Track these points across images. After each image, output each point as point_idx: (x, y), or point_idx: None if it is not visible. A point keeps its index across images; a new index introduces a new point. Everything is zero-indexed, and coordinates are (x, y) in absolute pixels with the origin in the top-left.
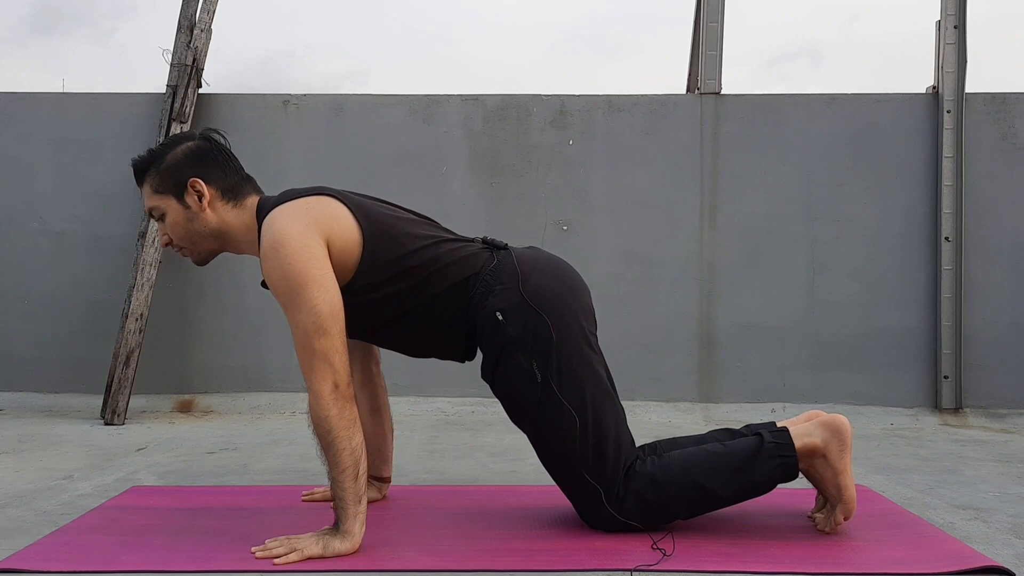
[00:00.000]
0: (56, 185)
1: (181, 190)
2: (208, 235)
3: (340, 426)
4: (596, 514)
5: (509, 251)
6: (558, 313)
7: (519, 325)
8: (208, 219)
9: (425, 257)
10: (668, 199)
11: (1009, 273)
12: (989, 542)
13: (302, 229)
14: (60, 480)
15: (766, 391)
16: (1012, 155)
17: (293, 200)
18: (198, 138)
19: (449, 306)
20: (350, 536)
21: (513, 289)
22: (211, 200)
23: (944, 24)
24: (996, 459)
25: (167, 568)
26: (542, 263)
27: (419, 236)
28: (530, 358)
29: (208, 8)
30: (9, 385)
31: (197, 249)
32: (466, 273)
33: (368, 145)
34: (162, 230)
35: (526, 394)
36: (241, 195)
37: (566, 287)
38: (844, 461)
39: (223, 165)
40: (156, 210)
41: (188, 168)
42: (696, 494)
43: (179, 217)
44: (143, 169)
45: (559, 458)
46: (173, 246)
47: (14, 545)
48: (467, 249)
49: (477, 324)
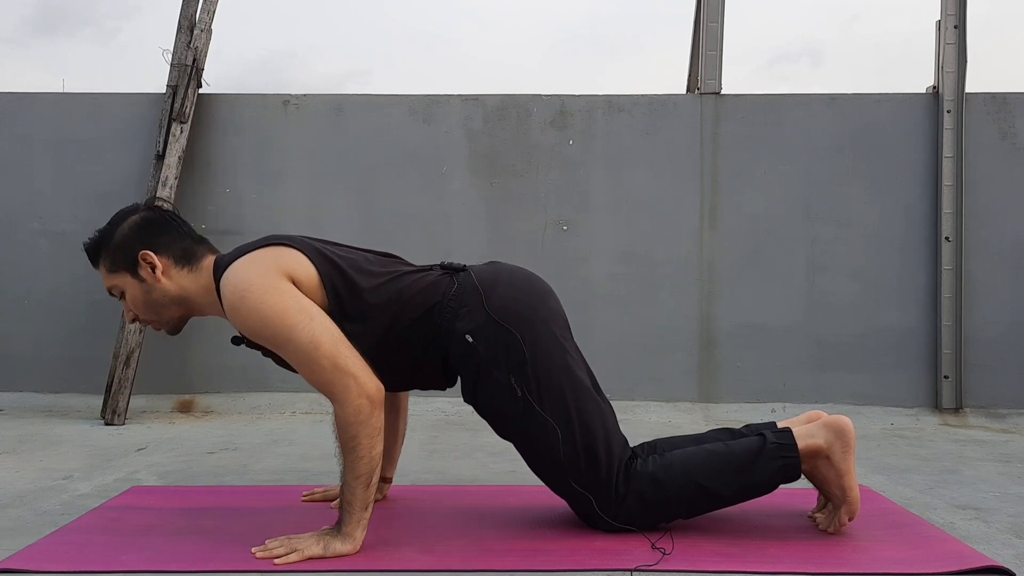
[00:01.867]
0: (56, 185)
1: (134, 265)
2: (169, 304)
3: (365, 434)
4: (595, 518)
5: (468, 272)
6: (526, 324)
7: (490, 344)
8: (166, 288)
9: (387, 293)
10: (668, 199)
11: (1009, 273)
12: (989, 542)
13: (263, 272)
14: (60, 480)
15: (766, 391)
16: (1012, 155)
17: (247, 253)
18: (143, 209)
19: (419, 337)
20: (351, 539)
21: (478, 309)
22: (165, 269)
23: (944, 24)
24: (996, 459)
25: (167, 568)
26: (503, 277)
27: (377, 273)
28: (507, 374)
29: (208, 8)
30: (9, 385)
31: (163, 320)
32: (430, 302)
33: (368, 145)
34: (126, 307)
35: (509, 410)
36: (195, 258)
37: (531, 296)
38: (848, 462)
39: (172, 232)
40: (115, 288)
41: (137, 242)
42: (697, 494)
43: (137, 292)
44: (95, 252)
45: (551, 468)
46: (140, 322)
47: (14, 545)
48: (427, 278)
49: (450, 350)
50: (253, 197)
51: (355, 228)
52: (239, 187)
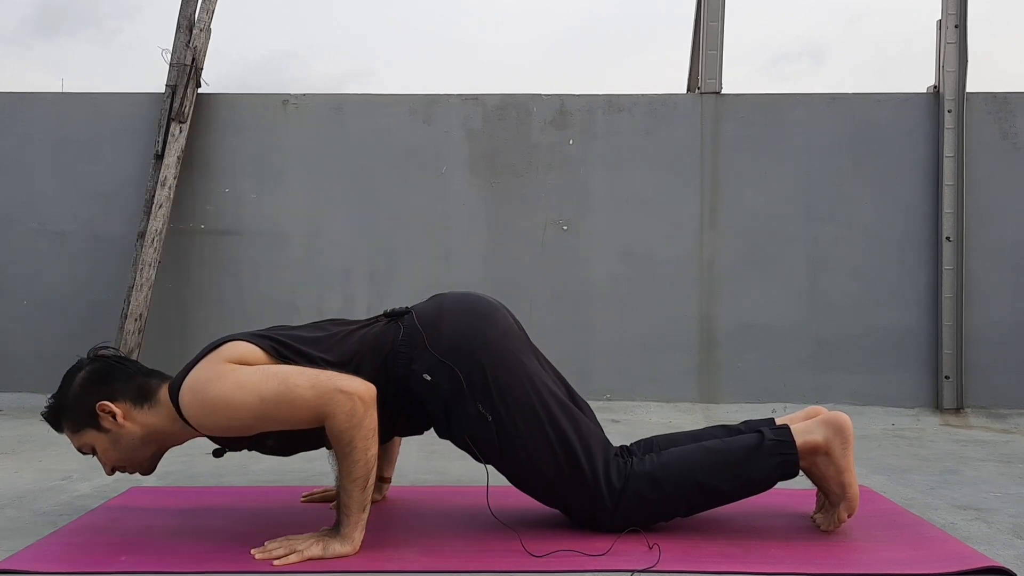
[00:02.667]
0: (56, 185)
1: (95, 418)
2: (140, 444)
3: (360, 436)
4: (594, 517)
5: (411, 313)
6: (480, 350)
7: (449, 377)
8: (131, 431)
9: (340, 355)
10: (668, 199)
11: (1010, 273)
12: (990, 542)
13: (211, 370)
14: (59, 481)
15: (766, 391)
16: (1013, 155)
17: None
18: (88, 363)
19: (383, 390)
20: (350, 540)
21: (427, 350)
22: (125, 413)
23: (945, 24)
24: (997, 459)
25: (167, 568)
26: (446, 309)
27: (324, 338)
28: (474, 403)
29: (207, 8)
30: (9, 385)
31: (137, 461)
32: (383, 352)
33: (368, 145)
34: (101, 462)
35: (484, 436)
36: (151, 393)
37: (478, 319)
38: (847, 459)
39: (121, 376)
40: (85, 447)
41: (91, 396)
42: (695, 492)
43: (106, 443)
44: (56, 418)
45: (537, 484)
46: (119, 471)
47: (14, 546)
48: (373, 330)
49: (413, 393)
50: (252, 197)
51: (355, 228)
52: (238, 187)
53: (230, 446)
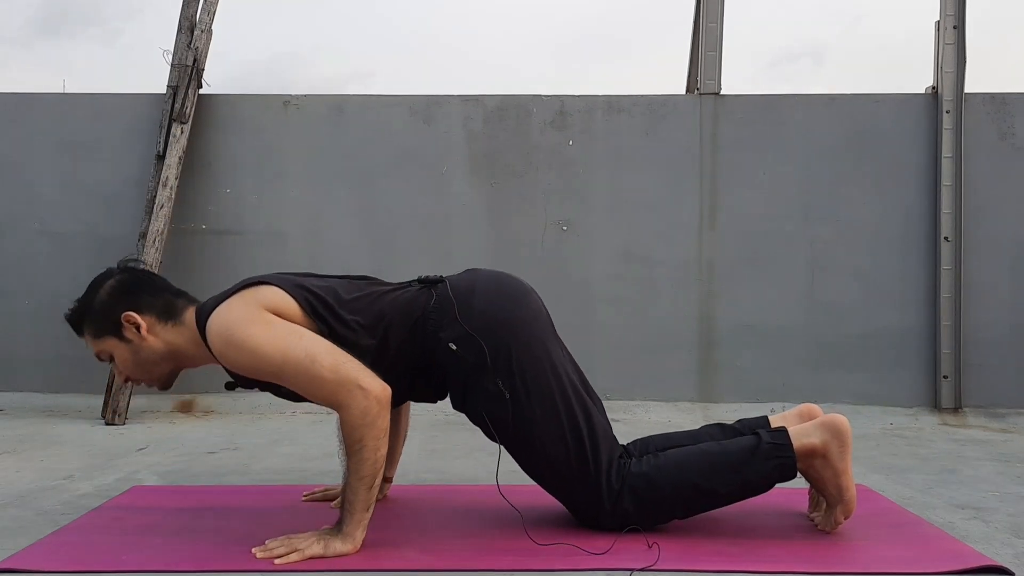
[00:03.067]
0: (57, 186)
1: (118, 327)
2: (159, 360)
3: (371, 435)
4: (593, 513)
5: (445, 283)
6: (508, 329)
7: (475, 350)
8: (153, 345)
9: (371, 315)
10: (668, 199)
11: (1008, 273)
12: (988, 541)
13: (244, 309)
14: (61, 480)
15: (766, 391)
16: (1011, 155)
17: (226, 299)
18: (117, 273)
19: (407, 354)
20: (351, 539)
21: (457, 321)
22: (149, 327)
23: (943, 24)
24: (995, 459)
25: (167, 568)
26: (480, 284)
27: (358, 297)
28: (494, 379)
29: (209, 9)
30: (10, 385)
31: (154, 376)
32: (412, 317)
33: (368, 146)
34: (116, 370)
35: (499, 414)
36: (177, 312)
37: (510, 300)
38: (845, 462)
39: (150, 290)
40: (103, 354)
41: (118, 304)
42: (692, 494)
43: (125, 353)
44: (78, 321)
45: (543, 468)
46: (133, 382)
47: (15, 545)
48: (406, 294)
49: (436, 361)
50: (253, 197)
51: (355, 228)
52: (239, 187)
53: (243, 384)
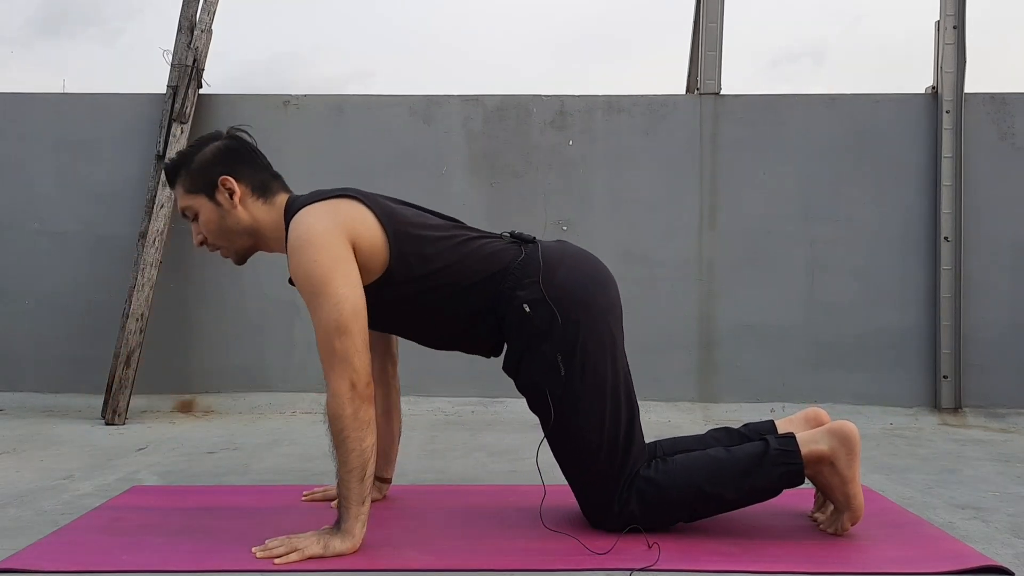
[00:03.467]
0: (56, 186)
1: (212, 188)
2: (241, 232)
3: (353, 426)
4: (601, 512)
5: (537, 245)
6: (584, 308)
7: (546, 318)
8: (240, 216)
9: (451, 257)
10: (668, 199)
11: (1008, 273)
12: (988, 541)
13: (329, 228)
14: (61, 480)
15: (766, 391)
16: (1011, 155)
17: (321, 200)
18: (226, 137)
19: (476, 301)
20: (350, 536)
21: (539, 284)
22: (242, 197)
23: (943, 24)
24: (995, 459)
25: (167, 568)
26: (569, 258)
27: (444, 237)
28: (555, 351)
29: (209, 9)
30: (10, 385)
31: (233, 247)
32: (493, 268)
33: (368, 145)
34: (196, 230)
35: (549, 387)
36: (271, 192)
37: (593, 283)
38: (853, 470)
39: (252, 163)
40: (189, 209)
41: (218, 166)
42: (699, 499)
43: (212, 215)
44: (174, 171)
45: (574, 453)
46: (208, 245)
47: (14, 545)
48: (493, 245)
49: (505, 317)
50: None
51: None
52: None
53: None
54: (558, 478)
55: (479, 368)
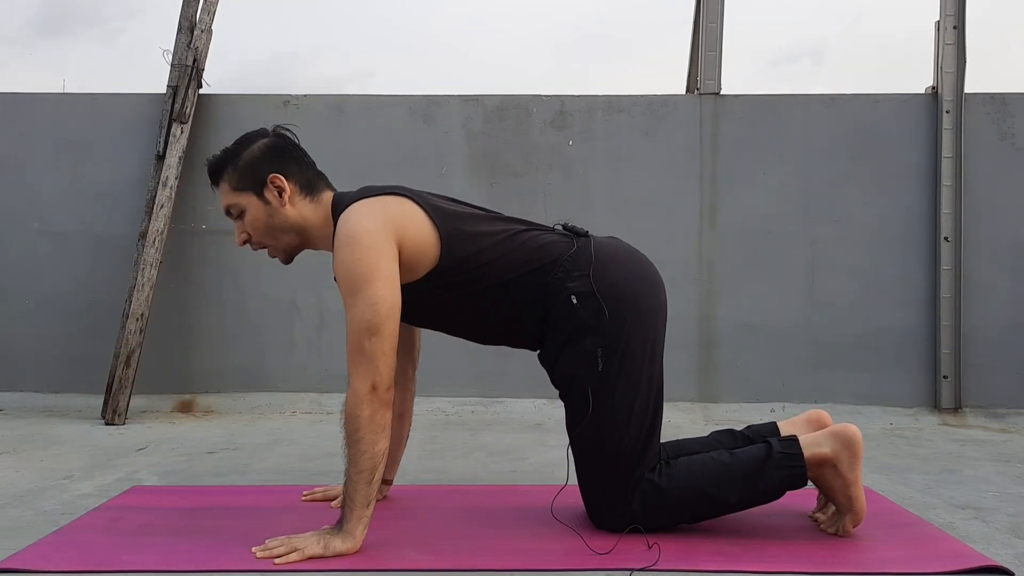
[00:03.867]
0: (57, 186)
1: (260, 186)
2: (289, 230)
3: (368, 428)
4: (606, 511)
5: (589, 239)
6: (633, 307)
7: (592, 312)
8: (288, 214)
9: (502, 249)
10: (668, 199)
11: (1008, 273)
12: (989, 542)
13: (377, 227)
14: (61, 480)
15: (766, 391)
16: (1011, 155)
17: (371, 197)
18: (272, 135)
19: (525, 292)
20: (351, 537)
21: (589, 277)
22: (291, 195)
23: (943, 24)
24: (995, 459)
25: (167, 568)
26: (621, 255)
27: (493, 232)
28: (596, 345)
29: (208, 9)
30: (10, 385)
31: (280, 245)
32: (544, 260)
33: (368, 146)
34: (240, 228)
35: (584, 379)
36: (317, 190)
37: (644, 282)
38: (855, 473)
39: (299, 160)
40: (235, 207)
41: (266, 164)
42: (701, 502)
43: (260, 213)
44: (220, 168)
45: (592, 449)
46: (252, 244)
47: (15, 545)
48: (544, 237)
49: (552, 308)
50: None
51: None
52: None
53: None
54: (558, 479)
55: (479, 368)
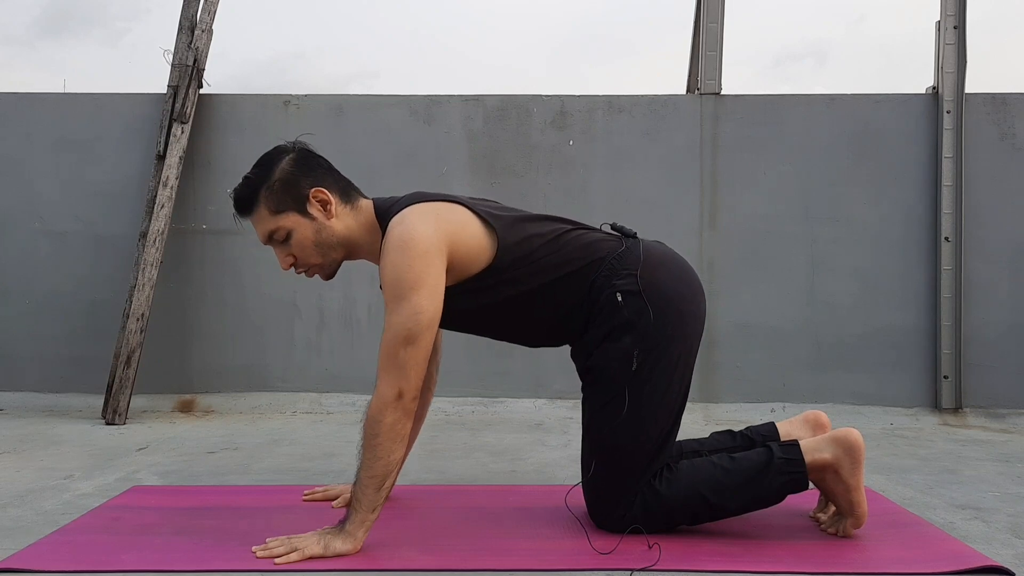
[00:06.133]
0: (57, 185)
1: (303, 203)
2: (337, 244)
3: (388, 435)
4: (608, 512)
5: (638, 240)
6: (675, 312)
7: (636, 311)
8: (335, 227)
9: (550, 249)
10: (668, 199)
11: (1009, 273)
12: (989, 542)
13: (430, 233)
14: (61, 480)
15: (766, 391)
16: (1012, 155)
17: (425, 203)
18: (295, 148)
19: (571, 288)
20: (352, 538)
21: (636, 277)
22: (334, 206)
23: (944, 24)
24: (996, 459)
25: (167, 568)
26: (668, 260)
27: (543, 233)
28: (635, 344)
29: (209, 9)
30: (10, 385)
31: (327, 261)
32: (591, 257)
33: (369, 146)
34: (283, 252)
35: (615, 374)
36: (352, 198)
37: (689, 290)
38: (856, 478)
39: (328, 169)
40: (279, 232)
41: (303, 179)
42: (702, 506)
43: (307, 232)
44: (252, 194)
45: (608, 447)
46: (297, 267)
47: (15, 545)
48: (590, 235)
49: (595, 305)
50: None
51: None
52: None
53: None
54: (558, 479)
55: (479, 368)
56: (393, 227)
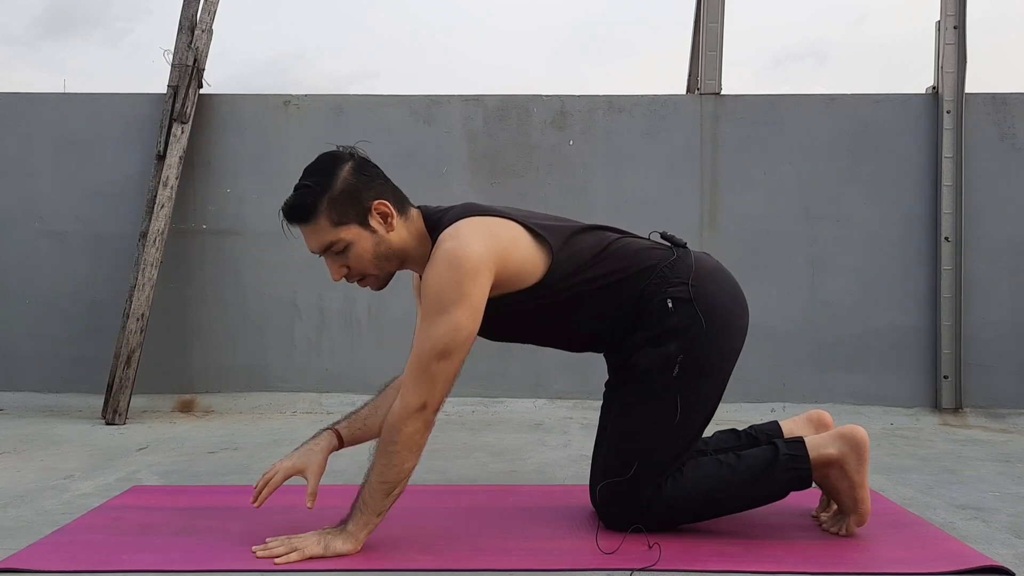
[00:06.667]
0: (57, 185)
1: (365, 215)
2: (393, 256)
3: (406, 444)
4: (625, 512)
5: (689, 250)
6: (723, 324)
7: (686, 318)
8: (393, 240)
9: (600, 257)
10: (668, 199)
11: (1009, 273)
12: (989, 542)
13: (481, 251)
14: (61, 480)
15: (766, 391)
16: (1012, 155)
17: (481, 216)
18: (352, 156)
19: (620, 298)
20: (353, 539)
21: (688, 286)
22: (394, 219)
23: (944, 24)
24: (996, 459)
25: (167, 568)
26: (719, 272)
27: (591, 246)
28: (679, 351)
29: (209, 9)
30: (10, 385)
31: (382, 274)
32: (640, 265)
33: (369, 146)
34: (337, 263)
35: (654, 377)
36: (405, 208)
37: (737, 305)
38: (861, 475)
39: (384, 178)
40: (338, 244)
41: (365, 190)
42: (708, 504)
43: (367, 244)
44: (313, 204)
45: (631, 441)
46: (349, 278)
47: (15, 545)
48: (637, 243)
49: (644, 310)
50: (254, 197)
51: None
52: (240, 187)
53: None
54: (558, 479)
55: (479, 368)
56: (444, 240)
